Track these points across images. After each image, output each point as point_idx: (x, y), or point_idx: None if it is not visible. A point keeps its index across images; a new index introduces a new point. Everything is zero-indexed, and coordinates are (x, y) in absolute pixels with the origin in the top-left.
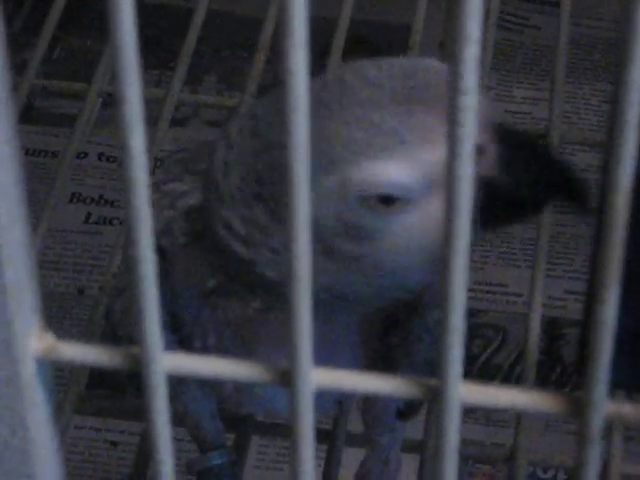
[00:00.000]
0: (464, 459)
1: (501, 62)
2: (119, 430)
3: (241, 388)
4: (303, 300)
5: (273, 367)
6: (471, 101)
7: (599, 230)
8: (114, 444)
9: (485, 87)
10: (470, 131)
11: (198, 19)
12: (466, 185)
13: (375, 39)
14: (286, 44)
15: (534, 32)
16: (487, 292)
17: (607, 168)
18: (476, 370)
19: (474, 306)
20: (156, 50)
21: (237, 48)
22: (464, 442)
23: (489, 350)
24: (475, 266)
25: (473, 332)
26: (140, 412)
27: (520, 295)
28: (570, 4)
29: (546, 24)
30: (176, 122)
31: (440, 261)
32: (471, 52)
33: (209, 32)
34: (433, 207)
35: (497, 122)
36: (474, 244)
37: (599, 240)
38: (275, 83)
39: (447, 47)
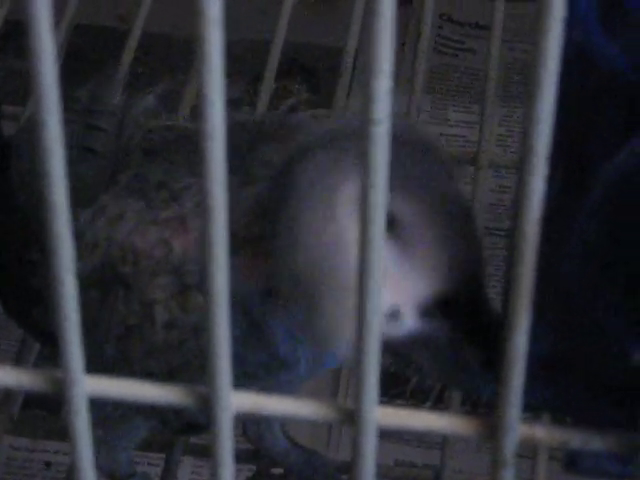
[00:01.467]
0: None
1: (436, 85)
2: (53, 450)
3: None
4: (221, 324)
5: (193, 391)
6: (383, 129)
7: (510, 261)
8: (48, 464)
9: (417, 110)
10: (382, 161)
11: (132, 41)
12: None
13: (308, 62)
14: (202, 70)
15: (469, 56)
16: None
17: (517, 197)
18: (409, 393)
19: None
20: (94, 71)
21: (175, 71)
22: (396, 463)
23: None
24: None
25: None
26: None
27: None
28: (503, 29)
29: (481, 48)
30: None
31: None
32: (382, 85)
33: (147, 54)
34: None
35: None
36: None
37: (509, 270)
38: None
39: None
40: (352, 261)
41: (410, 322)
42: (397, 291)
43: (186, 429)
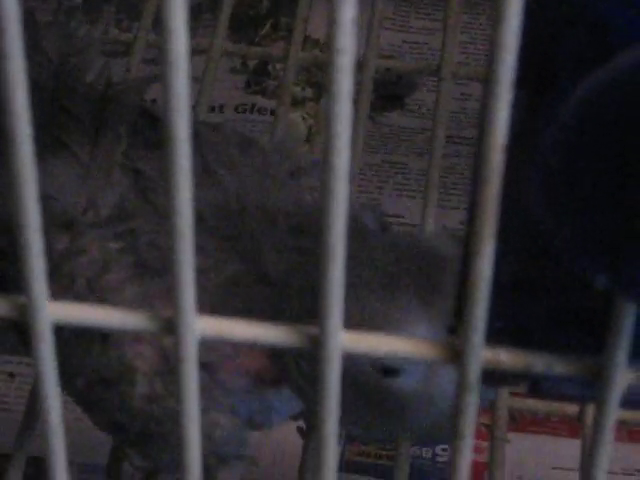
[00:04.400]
0: None
1: None
2: (16, 362)
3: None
4: (185, 250)
5: (158, 315)
6: (347, 61)
7: (474, 184)
8: (11, 375)
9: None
10: (346, 89)
11: None
12: (344, 156)
13: None
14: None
15: None
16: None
17: (481, 123)
18: None
19: None
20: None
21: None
22: None
23: None
24: (370, 197)
25: None
26: None
27: (415, 226)
28: None
29: None
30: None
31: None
32: (347, 14)
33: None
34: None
35: None
36: None
37: (474, 193)
38: None
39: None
40: None
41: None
42: None
43: None
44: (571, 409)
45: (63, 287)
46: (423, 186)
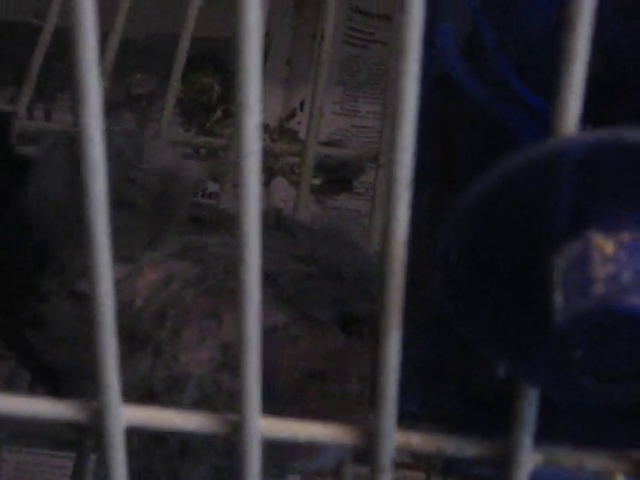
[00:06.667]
0: None
1: (347, 77)
2: None
3: None
4: (108, 335)
5: (84, 405)
6: (254, 162)
7: (380, 279)
8: None
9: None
10: (255, 190)
11: (46, 36)
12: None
13: (220, 56)
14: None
15: (378, 47)
16: None
17: (384, 220)
18: None
19: None
20: (10, 67)
21: None
22: None
23: None
24: None
25: None
26: None
27: None
28: None
29: (391, 40)
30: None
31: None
32: (252, 121)
33: (62, 49)
34: None
35: None
36: None
37: (380, 286)
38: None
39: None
40: None
41: None
42: None
43: None
44: None
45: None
46: None
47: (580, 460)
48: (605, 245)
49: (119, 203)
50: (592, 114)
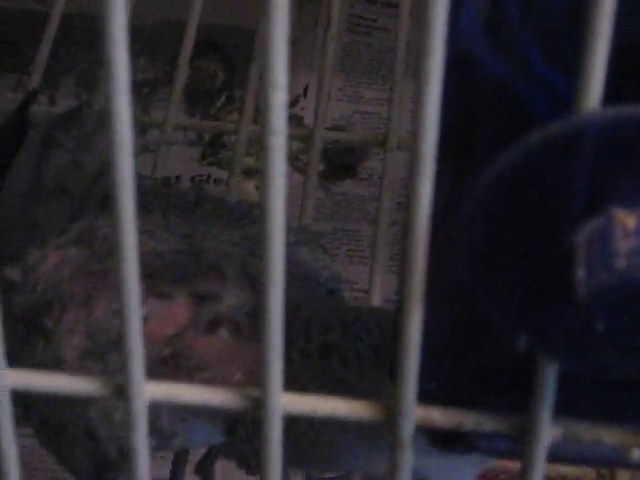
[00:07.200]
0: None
1: (349, 63)
2: None
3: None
4: (133, 314)
5: (108, 381)
6: (280, 140)
7: (403, 252)
8: None
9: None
10: (279, 171)
11: (53, 23)
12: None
13: (223, 43)
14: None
15: (381, 34)
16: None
17: (407, 195)
18: None
19: None
20: (13, 54)
21: (93, 50)
22: None
23: None
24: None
25: None
26: None
27: (367, 292)
28: (412, 6)
29: (393, 26)
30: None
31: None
32: (279, 98)
33: (66, 35)
34: None
35: None
36: None
37: (403, 260)
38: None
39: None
40: None
41: None
42: None
43: None
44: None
45: (30, 291)
46: None
47: (598, 434)
48: (627, 220)
49: (59, 189)
50: (614, 92)
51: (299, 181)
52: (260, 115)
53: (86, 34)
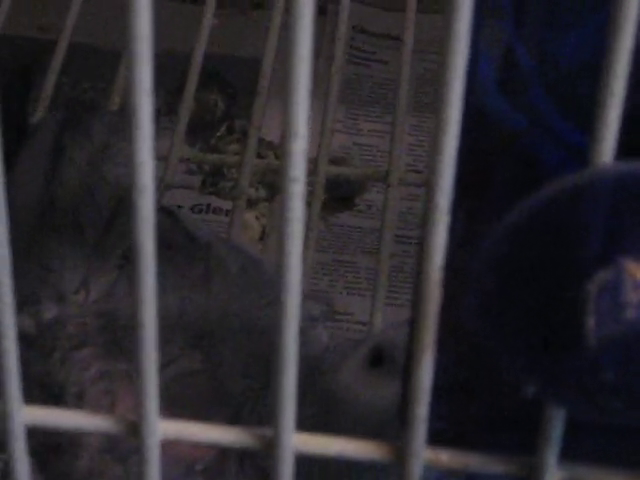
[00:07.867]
0: None
1: (348, 95)
2: None
3: None
4: (148, 350)
5: (121, 418)
6: (299, 186)
7: (415, 300)
8: None
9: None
10: (298, 214)
11: (60, 51)
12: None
13: (226, 73)
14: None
15: (380, 66)
16: (333, 321)
17: (420, 244)
18: None
19: None
20: (16, 81)
21: (97, 80)
22: None
23: None
24: (321, 295)
25: None
26: None
27: (365, 324)
28: (414, 40)
29: (392, 58)
30: None
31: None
32: (299, 146)
33: (69, 64)
34: None
35: None
36: None
37: (415, 307)
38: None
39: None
40: None
41: None
42: None
43: None
44: None
45: (44, 355)
46: (372, 284)
47: (603, 478)
48: (637, 271)
49: (71, 222)
50: (627, 146)
51: None
52: (262, 146)
53: (90, 64)
